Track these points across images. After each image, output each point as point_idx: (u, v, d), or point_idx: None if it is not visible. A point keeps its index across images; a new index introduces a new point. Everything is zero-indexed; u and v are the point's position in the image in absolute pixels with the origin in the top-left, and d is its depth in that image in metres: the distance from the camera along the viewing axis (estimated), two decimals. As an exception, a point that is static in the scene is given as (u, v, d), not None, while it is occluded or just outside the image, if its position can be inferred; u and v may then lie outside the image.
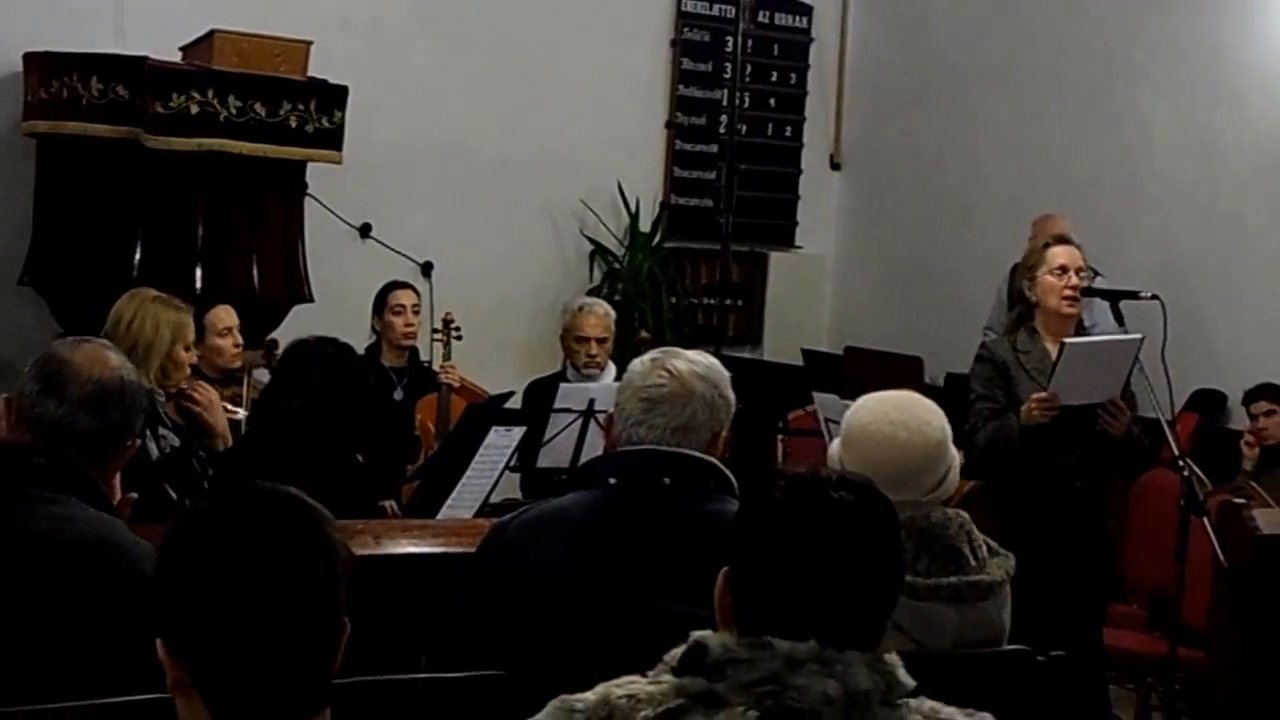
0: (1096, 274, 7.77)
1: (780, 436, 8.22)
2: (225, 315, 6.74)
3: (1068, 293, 5.73)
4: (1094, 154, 9.19)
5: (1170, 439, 5.81)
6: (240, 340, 6.72)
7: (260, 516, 2.04)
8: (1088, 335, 6.16)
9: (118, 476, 3.33)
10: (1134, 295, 6.28)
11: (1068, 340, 5.63)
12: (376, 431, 5.76)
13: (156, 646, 2.04)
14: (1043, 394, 5.56)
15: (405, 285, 7.77)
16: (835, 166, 10.91)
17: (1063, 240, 5.93)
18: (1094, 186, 9.01)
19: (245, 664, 1.99)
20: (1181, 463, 5.69)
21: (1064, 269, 5.75)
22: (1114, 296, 6.30)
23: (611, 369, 7.13)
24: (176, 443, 5.50)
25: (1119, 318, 6.08)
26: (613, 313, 7.46)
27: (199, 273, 7.71)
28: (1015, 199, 9.35)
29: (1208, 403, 8.19)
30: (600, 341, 7.25)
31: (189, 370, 5.70)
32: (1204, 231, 8.58)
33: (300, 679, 2.03)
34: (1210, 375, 8.19)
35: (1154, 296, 5.84)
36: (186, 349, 5.64)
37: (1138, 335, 5.85)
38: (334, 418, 5.08)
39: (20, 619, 2.96)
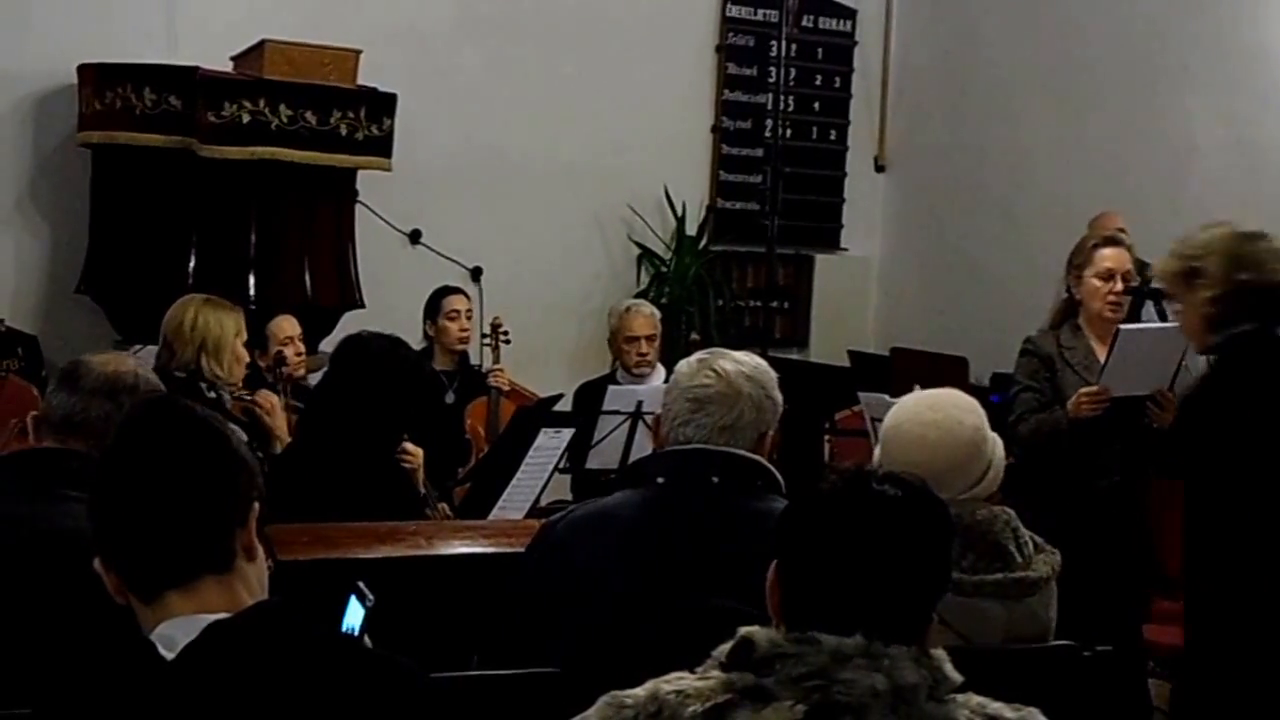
0: None
1: (827, 436, 8.23)
2: (287, 325, 6.84)
3: (1112, 298, 5.68)
4: (1138, 154, 9.15)
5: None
6: (303, 349, 6.81)
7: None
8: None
9: None
10: (1178, 294, 6.29)
11: (1123, 326, 5.57)
12: (430, 431, 5.78)
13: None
14: (1092, 388, 5.50)
15: (458, 291, 7.81)
16: (880, 169, 10.89)
17: (1113, 242, 5.85)
18: (1138, 186, 8.98)
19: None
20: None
21: (1110, 274, 5.69)
22: (1159, 296, 6.30)
23: (660, 371, 7.16)
24: (245, 437, 5.50)
25: (1163, 317, 6.07)
26: (658, 313, 7.53)
27: (252, 280, 7.81)
28: (1059, 200, 9.33)
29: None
30: (650, 339, 7.31)
31: (247, 363, 5.79)
32: (1249, 231, 8.55)
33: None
34: (1256, 373, 8.16)
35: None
36: (246, 345, 5.75)
37: None
38: (390, 413, 5.08)
39: (52, 615, 2.97)
